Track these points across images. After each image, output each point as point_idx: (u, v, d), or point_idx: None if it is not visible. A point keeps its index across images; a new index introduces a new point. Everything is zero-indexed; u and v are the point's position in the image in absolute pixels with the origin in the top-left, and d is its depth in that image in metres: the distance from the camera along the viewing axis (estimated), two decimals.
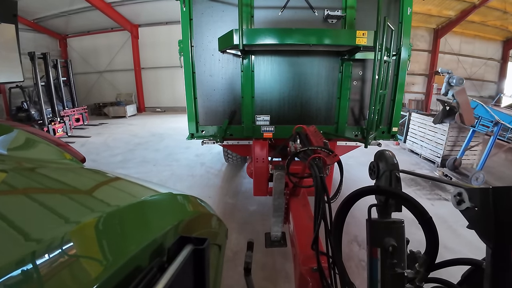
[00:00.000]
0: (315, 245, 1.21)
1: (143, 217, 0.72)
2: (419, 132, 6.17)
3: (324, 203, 1.19)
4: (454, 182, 0.83)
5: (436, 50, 12.78)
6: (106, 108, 12.40)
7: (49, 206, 0.60)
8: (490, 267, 0.63)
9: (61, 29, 13.28)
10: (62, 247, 0.47)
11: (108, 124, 10.37)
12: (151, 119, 11.75)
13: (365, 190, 0.87)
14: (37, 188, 0.70)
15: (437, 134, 5.49)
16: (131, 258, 0.57)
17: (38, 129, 1.31)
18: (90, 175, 0.91)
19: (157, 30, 13.02)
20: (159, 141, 7.48)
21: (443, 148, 5.29)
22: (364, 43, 2.27)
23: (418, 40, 12.60)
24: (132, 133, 8.66)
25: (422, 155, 6.02)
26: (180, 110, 13.33)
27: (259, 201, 3.81)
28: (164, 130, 9.00)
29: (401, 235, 0.86)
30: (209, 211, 1.05)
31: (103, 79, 14.34)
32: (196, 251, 0.71)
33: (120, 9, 11.48)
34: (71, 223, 0.54)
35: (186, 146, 6.60)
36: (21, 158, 0.93)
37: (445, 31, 12.14)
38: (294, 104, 2.96)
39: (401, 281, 0.81)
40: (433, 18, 11.56)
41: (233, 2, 2.70)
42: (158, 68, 13.59)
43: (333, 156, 1.41)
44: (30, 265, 0.41)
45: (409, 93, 12.98)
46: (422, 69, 13.27)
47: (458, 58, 13.18)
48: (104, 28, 13.23)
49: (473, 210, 0.64)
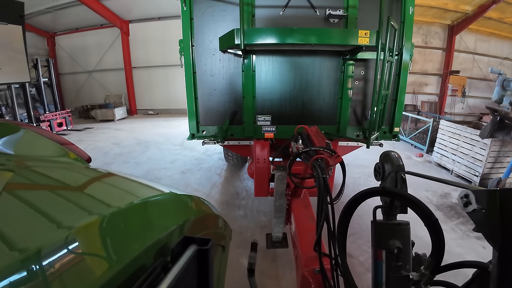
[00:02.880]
0: (318, 246, 1.20)
1: (148, 217, 0.72)
2: (450, 144, 5.13)
3: (326, 204, 1.18)
4: (460, 183, 0.82)
5: (452, 48, 11.67)
6: (94, 111, 11.44)
7: (54, 205, 0.60)
8: (496, 269, 0.62)
9: (49, 26, 12.55)
10: (67, 246, 0.47)
11: (93, 129, 9.53)
12: (142, 123, 10.84)
13: (370, 191, 0.86)
14: (42, 188, 0.70)
15: (475, 148, 4.47)
16: (135, 258, 0.57)
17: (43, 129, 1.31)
18: (95, 175, 0.91)
19: (149, 26, 12.20)
20: (143, 151, 6.64)
21: (482, 165, 4.34)
22: (366, 43, 2.26)
23: (432, 37, 11.69)
24: (115, 140, 7.79)
25: (454, 171, 5.03)
26: (174, 113, 12.77)
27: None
28: (151, 136, 8.19)
29: (406, 237, 0.86)
30: (213, 211, 1.05)
31: (92, 80, 13.54)
32: (200, 251, 0.71)
33: (109, 4, 10.69)
34: (75, 222, 0.54)
35: (171, 160, 5.86)
36: (26, 157, 0.93)
37: (460, 27, 11.13)
38: (295, 104, 2.95)
39: (406, 284, 0.80)
40: (449, 13, 10.63)
41: (234, 1, 2.69)
42: (151, 67, 12.76)
43: (336, 157, 1.40)
44: (35, 264, 0.41)
45: (422, 95, 12.20)
46: (436, 69, 12.16)
47: (474, 57, 12.13)
48: (93, 24, 12.44)
49: (480, 212, 0.63)
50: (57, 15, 11.37)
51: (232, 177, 4.89)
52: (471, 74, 12.09)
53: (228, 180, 4.76)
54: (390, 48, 2.52)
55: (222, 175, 4.99)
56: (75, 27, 12.73)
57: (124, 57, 12.52)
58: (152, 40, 12.29)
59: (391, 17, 2.33)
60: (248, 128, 2.96)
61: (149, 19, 12.07)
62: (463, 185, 0.75)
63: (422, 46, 11.56)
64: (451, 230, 3.26)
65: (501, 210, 0.59)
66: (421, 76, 12.03)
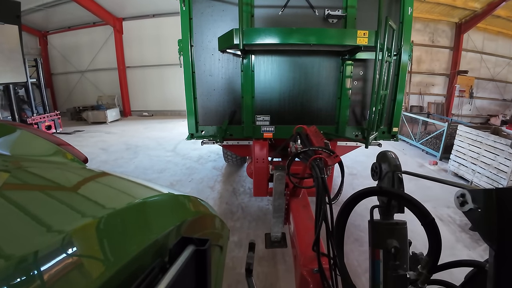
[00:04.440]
0: (316, 246, 1.21)
1: (145, 218, 0.72)
2: (469, 152, 4.64)
3: (325, 204, 1.18)
4: (457, 183, 0.83)
5: (459, 47, 11.21)
6: (85, 113, 10.98)
7: (51, 206, 0.60)
8: (493, 269, 0.62)
9: (41, 25, 12.22)
10: (64, 247, 0.47)
11: (83, 133, 9.00)
12: (135, 125, 10.27)
13: (368, 191, 0.86)
14: (38, 189, 0.70)
15: (499, 158, 4.07)
16: (133, 258, 0.57)
17: (40, 129, 1.31)
18: (92, 176, 0.90)
19: (143, 24, 11.72)
20: (131, 158, 6.08)
21: (507, 177, 3.92)
22: (365, 43, 2.27)
23: (439, 35, 11.28)
24: (104, 145, 7.28)
25: (473, 182, 4.55)
26: (169, 114, 12.39)
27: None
28: (143, 141, 7.66)
29: (403, 236, 0.86)
30: (211, 212, 1.05)
31: (85, 80, 13.10)
32: (197, 251, 0.71)
33: (101, 0, 10.30)
34: (72, 223, 0.54)
35: (160, 169, 5.33)
36: (23, 158, 0.93)
37: (468, 26, 10.71)
38: (294, 104, 2.95)
39: (403, 283, 0.80)
40: (457, 10, 10.29)
41: (233, 1, 2.69)
42: (145, 67, 12.26)
43: (334, 157, 1.41)
44: (33, 265, 0.41)
45: (428, 95, 11.78)
46: (443, 68, 11.68)
47: (481, 57, 11.70)
48: (86, 23, 12.03)
49: (476, 212, 0.64)
50: (49, 13, 11.08)
51: (226, 191, 4.31)
52: (478, 74, 11.75)
53: (222, 195, 4.18)
54: (388, 48, 2.53)
55: (216, 189, 4.39)
56: (68, 25, 12.34)
57: (117, 56, 12.07)
58: (146, 38, 11.86)
59: (389, 17, 2.33)
60: (247, 128, 2.96)
61: (143, 17, 11.61)
62: (459, 184, 0.75)
63: (429, 44, 11.24)
64: (480, 257, 2.87)
65: (497, 209, 0.59)
66: (427, 76, 11.66)
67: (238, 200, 3.99)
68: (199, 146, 3.34)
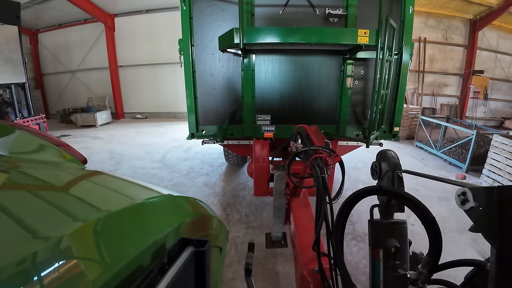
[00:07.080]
0: (317, 246, 1.20)
1: (144, 219, 0.71)
2: (507, 167, 4.04)
3: (325, 204, 1.18)
4: (458, 181, 0.83)
5: (474, 45, 10.44)
6: (74, 116, 10.23)
7: (49, 207, 0.60)
8: (494, 268, 0.62)
9: (31, 23, 11.55)
10: (61, 249, 0.47)
11: (69, 138, 8.32)
12: (125, 129, 9.57)
13: (367, 191, 0.85)
14: (36, 190, 0.70)
15: None
16: (132, 260, 0.57)
17: (39, 130, 1.31)
18: (91, 176, 0.90)
19: (136, 20, 11.02)
20: (112, 170, 5.33)
21: None
22: (366, 42, 2.26)
23: (452, 32, 10.56)
24: (86, 152, 6.63)
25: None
26: (164, 117, 11.60)
27: None
28: (130, 148, 6.95)
29: (403, 236, 0.85)
30: (209, 213, 1.04)
31: (76, 80, 12.41)
32: (196, 253, 0.71)
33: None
34: (71, 224, 0.54)
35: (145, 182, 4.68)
36: (21, 159, 0.93)
37: (484, 23, 9.95)
38: (295, 103, 2.95)
39: (403, 283, 0.80)
40: (472, 6, 9.69)
41: (233, 1, 2.69)
42: (138, 66, 11.51)
43: (335, 157, 1.40)
44: (30, 267, 0.41)
45: (441, 97, 10.98)
46: (457, 68, 10.88)
47: (496, 56, 10.94)
48: (76, 20, 11.36)
49: (477, 210, 0.63)
50: (39, 10, 10.62)
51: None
52: (493, 74, 11.05)
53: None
54: (389, 47, 2.51)
55: None
56: (58, 23, 11.76)
57: (108, 54, 11.34)
58: (139, 35, 11.17)
59: (389, 17, 2.32)
60: (247, 128, 2.96)
61: (135, 12, 10.92)
62: (460, 183, 0.74)
63: (442, 42, 10.57)
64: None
65: (499, 208, 0.58)
66: (440, 76, 10.88)
67: (231, 234, 3.01)
68: (191, 156, 3.20)
